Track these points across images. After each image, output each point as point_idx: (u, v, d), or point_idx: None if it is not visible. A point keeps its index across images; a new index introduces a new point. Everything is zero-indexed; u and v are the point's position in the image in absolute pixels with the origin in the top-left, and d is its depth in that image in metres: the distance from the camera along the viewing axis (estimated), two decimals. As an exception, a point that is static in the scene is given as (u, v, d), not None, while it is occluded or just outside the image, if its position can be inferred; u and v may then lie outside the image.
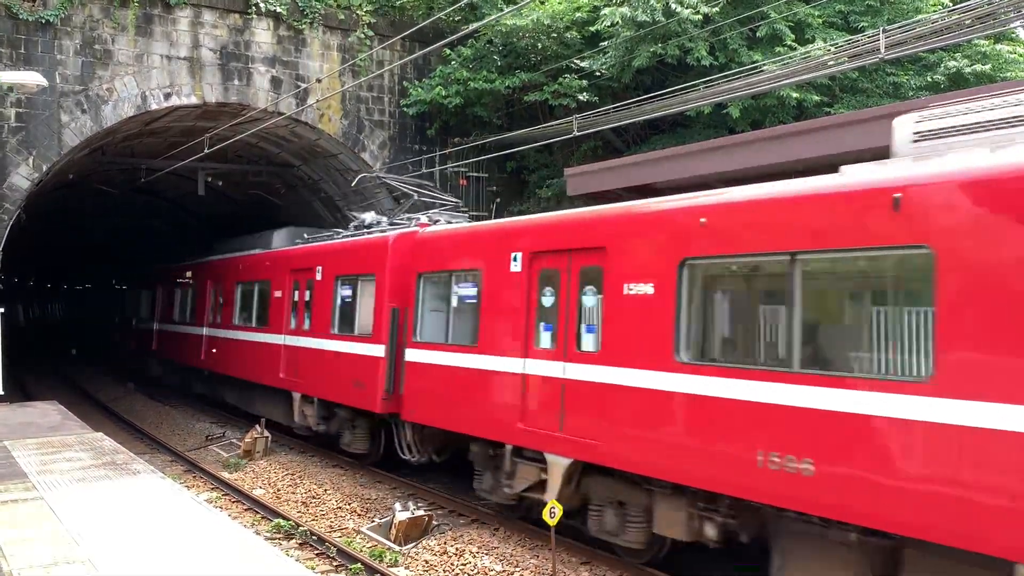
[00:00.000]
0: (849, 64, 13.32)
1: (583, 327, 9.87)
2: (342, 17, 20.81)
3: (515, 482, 11.03)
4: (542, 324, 10.51)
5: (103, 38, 18.48)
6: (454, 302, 12.50)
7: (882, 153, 8.43)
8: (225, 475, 16.18)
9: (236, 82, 19.78)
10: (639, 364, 8.91)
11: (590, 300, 9.81)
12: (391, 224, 15.79)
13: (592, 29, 17.86)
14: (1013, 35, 17.72)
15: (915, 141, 7.31)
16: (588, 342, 9.80)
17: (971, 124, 7.04)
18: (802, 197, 7.64)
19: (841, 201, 7.26)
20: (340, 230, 18.40)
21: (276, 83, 20.16)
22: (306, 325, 16.86)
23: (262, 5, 19.81)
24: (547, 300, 10.46)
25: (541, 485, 10.58)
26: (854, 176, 7.40)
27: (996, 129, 6.83)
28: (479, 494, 12.25)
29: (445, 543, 11.42)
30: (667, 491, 8.98)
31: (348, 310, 15.52)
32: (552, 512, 9.96)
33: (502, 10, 18.48)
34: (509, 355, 10.83)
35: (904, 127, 7.45)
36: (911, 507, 6.52)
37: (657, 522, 9.22)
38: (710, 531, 8.65)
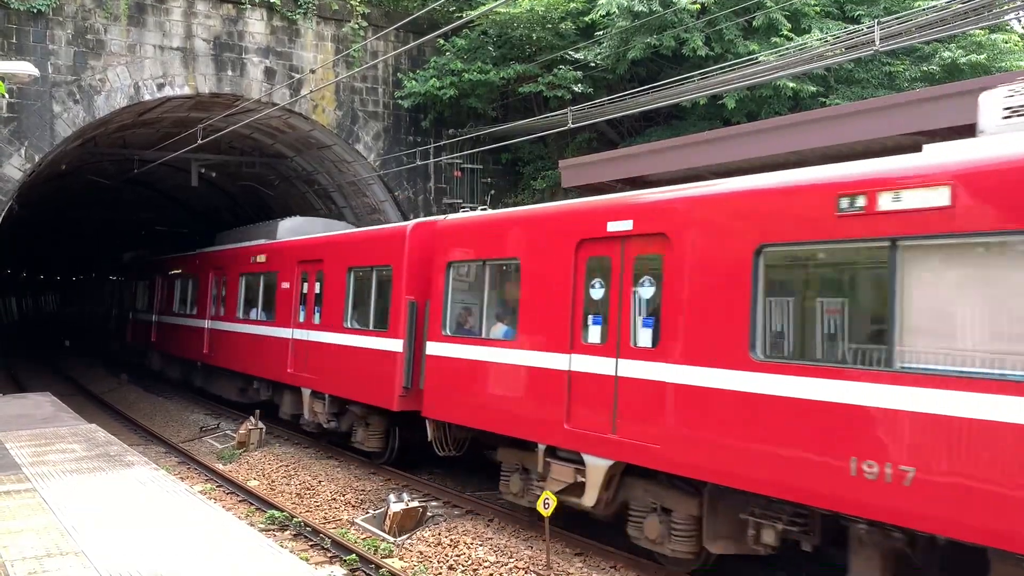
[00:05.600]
0: (845, 56, 13.33)
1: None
2: (336, 7, 20.71)
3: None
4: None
5: (95, 28, 18.37)
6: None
7: (878, 145, 8.43)
8: (219, 467, 16.15)
9: (229, 73, 19.69)
10: None
11: None
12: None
13: (587, 20, 17.80)
14: (1007, 26, 17.72)
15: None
16: None
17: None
18: None
19: None
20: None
21: (270, 74, 20.08)
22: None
23: (255, -5, 19.72)
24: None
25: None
26: None
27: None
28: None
29: (439, 534, 11.42)
30: None
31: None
32: (546, 503, 9.97)
33: None
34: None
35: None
36: None
37: None
38: None
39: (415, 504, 11.95)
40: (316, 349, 16.02)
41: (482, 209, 12.48)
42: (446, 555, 10.69)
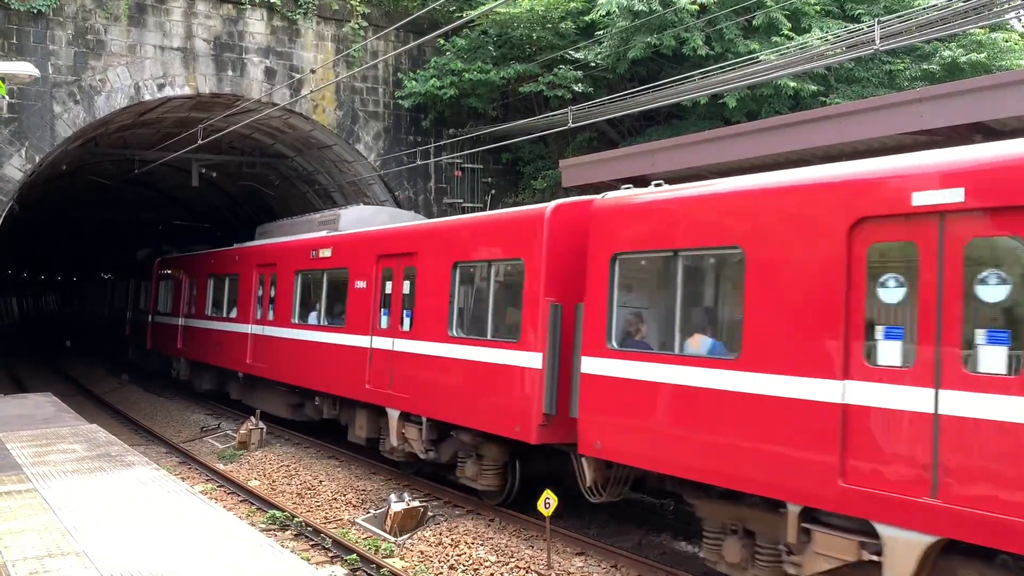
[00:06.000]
0: (845, 55, 13.34)
1: None
2: (336, 7, 20.72)
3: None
4: None
5: (96, 28, 18.38)
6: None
7: (878, 144, 8.42)
8: (220, 467, 16.17)
9: (230, 73, 19.70)
10: None
11: None
12: None
13: (587, 19, 17.81)
14: (1007, 25, 17.73)
15: None
16: None
17: None
18: None
19: None
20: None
21: (270, 74, 20.09)
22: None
23: (255, -5, 19.74)
24: None
25: None
26: None
27: None
28: None
29: (440, 534, 11.43)
30: None
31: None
32: (547, 502, 9.97)
33: None
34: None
35: None
36: None
37: None
38: None
39: (416, 504, 11.95)
40: (407, 362, 13.27)
41: (656, 185, 9.67)
42: (447, 555, 10.70)
